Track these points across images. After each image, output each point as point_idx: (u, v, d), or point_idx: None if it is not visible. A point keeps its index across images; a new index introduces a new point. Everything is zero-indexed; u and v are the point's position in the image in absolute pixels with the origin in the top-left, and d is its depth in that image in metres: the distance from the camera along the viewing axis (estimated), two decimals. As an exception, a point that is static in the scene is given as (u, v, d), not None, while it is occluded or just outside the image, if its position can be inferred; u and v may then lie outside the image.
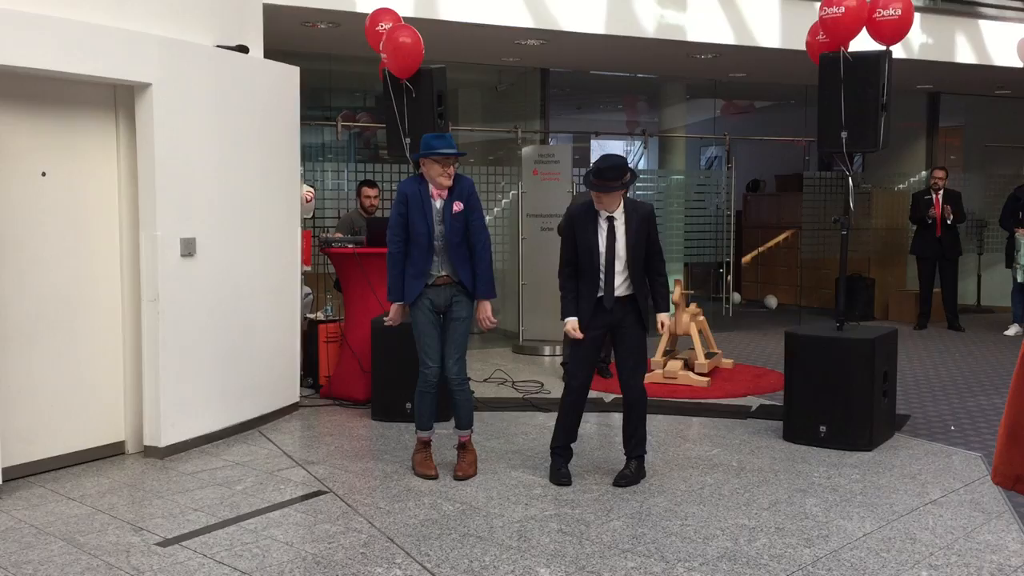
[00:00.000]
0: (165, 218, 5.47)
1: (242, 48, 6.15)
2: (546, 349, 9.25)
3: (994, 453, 2.74)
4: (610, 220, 4.90)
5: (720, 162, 13.01)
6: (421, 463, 5.21)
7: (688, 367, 7.78)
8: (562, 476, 5.05)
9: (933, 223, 10.67)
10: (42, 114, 5.15)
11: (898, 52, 6.47)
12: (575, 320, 4.95)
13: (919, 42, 9.82)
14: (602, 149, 14.15)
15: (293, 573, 3.86)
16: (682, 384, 7.58)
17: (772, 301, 13.21)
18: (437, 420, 5.31)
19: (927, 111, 12.81)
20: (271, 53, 6.72)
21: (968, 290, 12.53)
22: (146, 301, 5.50)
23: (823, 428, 5.73)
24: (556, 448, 5.14)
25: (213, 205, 5.84)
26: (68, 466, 5.30)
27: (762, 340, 10.19)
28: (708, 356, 7.96)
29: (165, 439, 5.54)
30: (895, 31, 5.94)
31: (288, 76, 6.57)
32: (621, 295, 4.95)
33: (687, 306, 8.08)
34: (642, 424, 5.12)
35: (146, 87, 5.38)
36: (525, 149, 9.83)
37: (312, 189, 8.01)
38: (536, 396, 7.31)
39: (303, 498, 4.83)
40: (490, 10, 8.04)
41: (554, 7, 8.28)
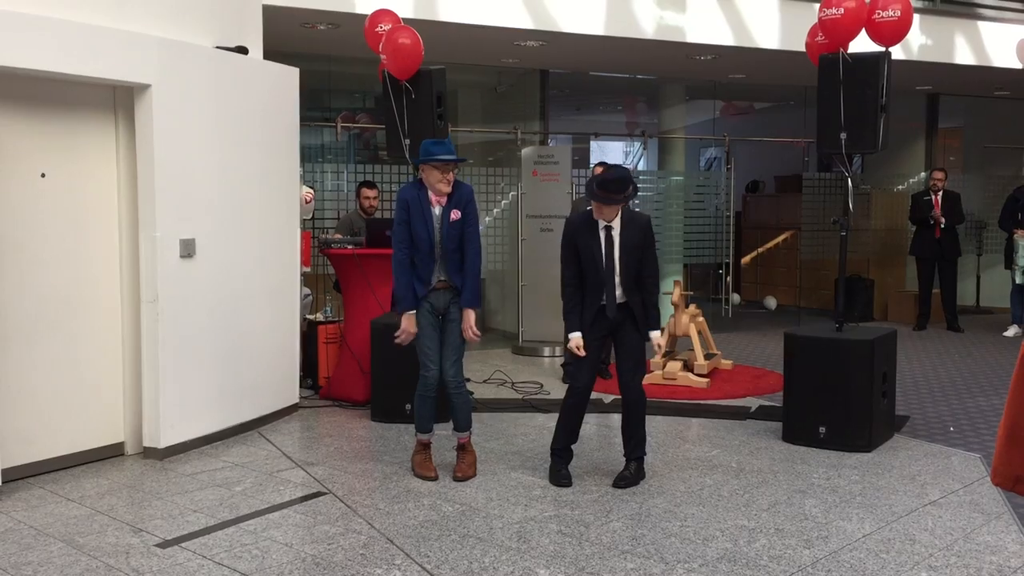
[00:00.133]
0: (164, 219, 5.47)
1: (242, 49, 6.15)
2: (546, 350, 9.24)
3: (993, 454, 2.74)
4: (607, 229, 4.94)
5: (719, 163, 13.01)
6: (421, 464, 5.21)
7: (687, 368, 7.78)
8: (562, 477, 5.06)
9: (933, 224, 10.68)
10: (42, 115, 5.15)
11: (897, 53, 6.45)
12: (580, 338, 4.96)
13: (918, 43, 9.82)
14: (601, 150, 14.16)
15: (292, 574, 3.85)
16: (681, 385, 7.58)
17: (771, 302, 13.19)
18: (437, 422, 5.31)
19: (926, 112, 12.81)
20: (271, 54, 6.72)
21: (967, 291, 12.51)
22: (145, 302, 5.50)
23: (822, 429, 5.73)
24: (557, 449, 5.14)
25: (212, 206, 5.84)
26: (67, 467, 5.30)
27: (761, 341, 10.19)
28: (707, 357, 7.96)
29: (164, 440, 5.54)
30: (894, 32, 5.94)
31: (288, 77, 6.58)
32: (620, 302, 4.99)
33: (686, 307, 8.09)
34: (641, 425, 5.13)
35: (145, 88, 5.38)
36: (525, 150, 9.83)
37: (311, 190, 8.01)
38: (536, 397, 7.31)
39: (303, 499, 4.83)
40: (489, 11, 8.04)
41: (553, 8, 8.28)
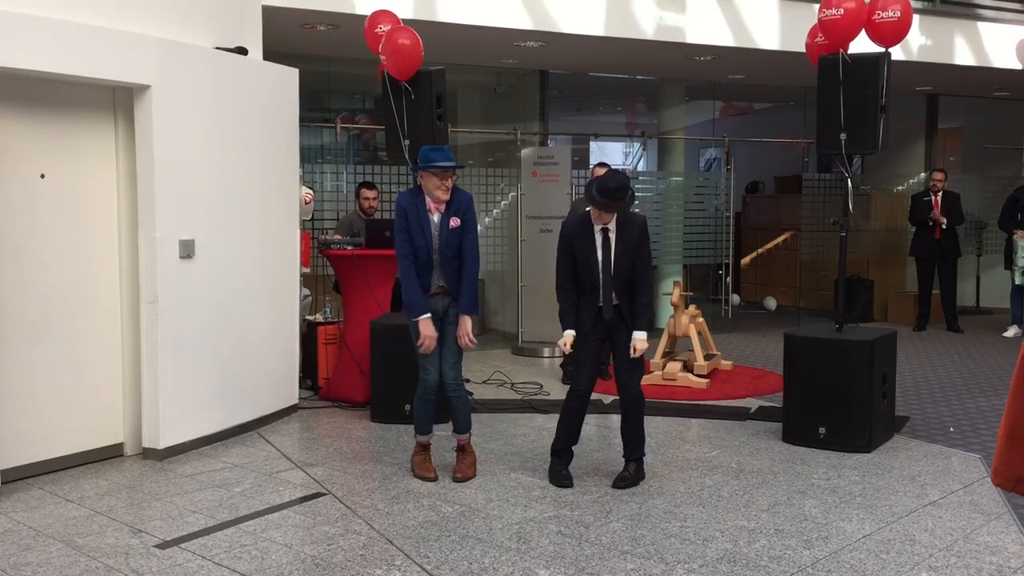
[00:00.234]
0: (164, 220, 5.47)
1: (241, 50, 6.15)
2: (545, 351, 9.24)
3: (994, 454, 2.74)
4: (604, 232, 4.95)
5: (719, 164, 13.00)
6: (420, 465, 5.21)
7: (687, 369, 7.78)
8: (563, 478, 5.06)
9: (932, 225, 10.67)
10: (41, 116, 5.15)
11: (897, 54, 6.45)
12: (572, 335, 5.00)
13: (918, 44, 9.82)
14: (601, 151, 14.16)
15: (292, 575, 3.85)
16: (681, 386, 7.58)
17: (771, 303, 13.20)
18: (436, 423, 5.31)
19: (926, 113, 12.80)
20: (270, 55, 6.72)
21: (967, 291, 12.52)
22: (145, 303, 5.49)
23: (822, 430, 5.73)
24: (558, 450, 5.15)
25: (212, 207, 5.84)
26: (67, 468, 5.29)
27: (761, 342, 10.19)
28: (707, 358, 7.96)
29: (164, 441, 5.54)
30: (894, 33, 5.95)
31: (287, 78, 6.57)
32: (615, 303, 5.00)
33: (686, 308, 8.09)
34: (640, 426, 5.13)
35: (145, 89, 5.38)
36: (524, 151, 9.83)
37: (311, 191, 8.00)
38: (535, 398, 7.31)
39: (302, 500, 4.83)
40: (489, 12, 8.04)
41: (553, 9, 8.28)
